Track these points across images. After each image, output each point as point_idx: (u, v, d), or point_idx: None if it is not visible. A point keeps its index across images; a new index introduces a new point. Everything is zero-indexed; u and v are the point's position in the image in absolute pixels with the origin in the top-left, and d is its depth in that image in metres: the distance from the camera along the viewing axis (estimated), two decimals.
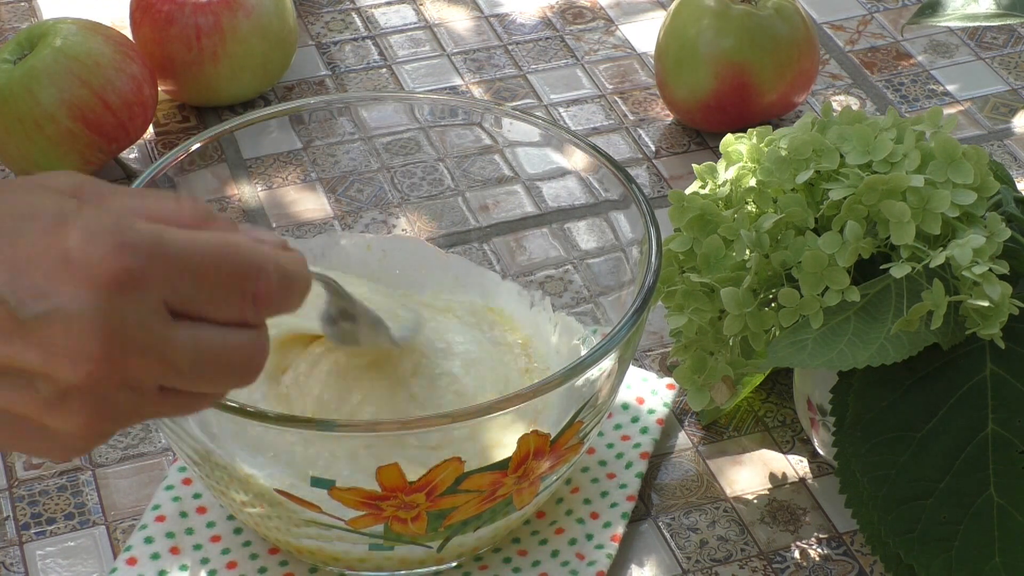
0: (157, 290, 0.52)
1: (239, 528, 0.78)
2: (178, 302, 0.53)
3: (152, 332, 0.52)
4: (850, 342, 0.71)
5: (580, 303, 0.84)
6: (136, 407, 0.53)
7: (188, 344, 0.53)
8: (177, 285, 0.52)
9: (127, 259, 0.51)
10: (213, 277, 0.53)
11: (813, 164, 0.75)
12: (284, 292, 0.55)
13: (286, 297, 0.55)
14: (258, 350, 0.55)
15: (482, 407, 0.69)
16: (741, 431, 0.84)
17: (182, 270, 0.53)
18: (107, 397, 0.52)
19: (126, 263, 0.51)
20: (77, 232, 0.51)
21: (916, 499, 0.72)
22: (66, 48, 0.96)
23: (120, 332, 0.51)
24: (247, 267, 0.54)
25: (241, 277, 0.54)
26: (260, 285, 0.54)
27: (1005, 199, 0.77)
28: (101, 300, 0.51)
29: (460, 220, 0.87)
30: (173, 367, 0.53)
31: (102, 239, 0.51)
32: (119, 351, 0.51)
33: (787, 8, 1.01)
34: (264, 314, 0.55)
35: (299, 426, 0.68)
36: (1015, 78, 1.10)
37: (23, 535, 0.79)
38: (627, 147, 1.04)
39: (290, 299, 0.56)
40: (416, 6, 1.17)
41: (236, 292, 0.54)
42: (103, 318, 0.51)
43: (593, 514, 0.79)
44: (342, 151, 0.88)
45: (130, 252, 0.51)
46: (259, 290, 0.54)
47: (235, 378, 0.55)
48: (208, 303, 0.53)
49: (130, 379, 0.52)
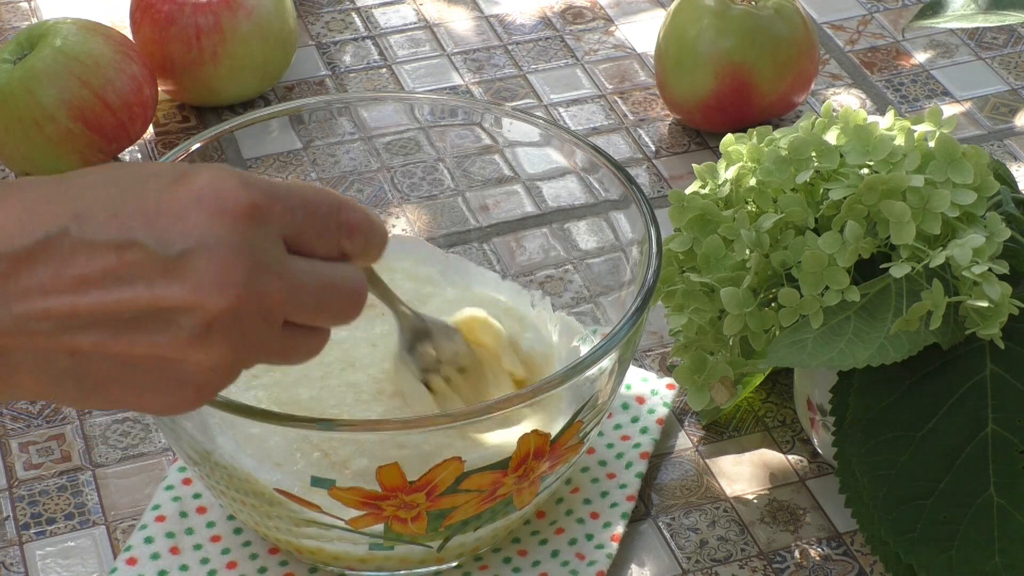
0: (277, 224, 0.56)
1: (239, 528, 0.78)
2: (291, 236, 0.57)
3: (280, 261, 0.56)
4: (850, 342, 0.71)
5: (580, 303, 0.84)
6: (267, 340, 0.57)
7: (308, 273, 0.57)
8: (290, 220, 0.57)
9: (252, 194, 0.56)
10: (315, 211, 0.58)
11: (813, 164, 0.75)
12: (368, 226, 0.60)
13: (371, 231, 0.60)
14: (359, 281, 0.59)
15: (482, 407, 0.69)
16: (741, 431, 0.84)
17: (292, 207, 0.57)
18: (247, 324, 0.55)
19: (253, 197, 0.56)
20: (203, 176, 0.56)
21: (916, 499, 0.72)
22: (66, 48, 0.96)
23: (258, 259, 0.55)
24: (338, 202, 0.59)
25: (336, 209, 0.59)
26: (351, 216, 0.59)
27: (1005, 199, 0.77)
28: (237, 231, 0.55)
29: (460, 220, 0.87)
30: (299, 296, 0.57)
31: (229, 180, 0.56)
32: (259, 276, 0.55)
33: (787, 8, 1.01)
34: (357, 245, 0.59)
35: (299, 426, 0.68)
36: (1015, 78, 1.10)
37: (23, 535, 0.79)
38: (627, 147, 1.04)
39: (374, 235, 0.60)
40: (416, 6, 1.17)
41: (333, 223, 0.59)
42: (243, 246, 0.55)
43: (593, 514, 0.79)
44: (342, 151, 0.88)
45: (255, 189, 0.56)
46: (351, 220, 0.59)
47: (348, 308, 0.59)
48: (314, 236, 0.58)
49: (264, 307, 0.56)
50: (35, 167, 0.97)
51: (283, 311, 0.57)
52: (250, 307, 0.55)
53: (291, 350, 0.59)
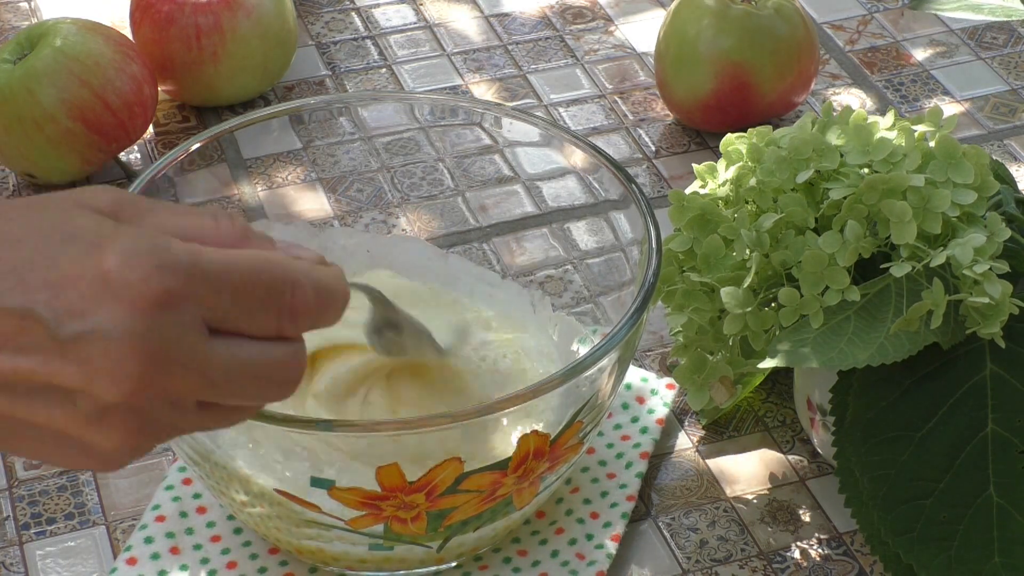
0: (195, 308, 0.53)
1: (239, 528, 0.78)
2: (216, 319, 0.54)
3: (191, 349, 0.53)
4: (850, 342, 0.71)
5: (580, 303, 0.84)
6: (175, 422, 0.54)
7: (226, 359, 0.54)
8: (214, 303, 0.53)
9: (165, 280, 0.52)
10: (249, 293, 0.54)
11: (813, 164, 0.75)
12: (321, 305, 0.56)
13: (323, 310, 0.56)
14: (295, 363, 0.56)
15: (482, 407, 0.69)
16: (741, 431, 0.84)
17: (219, 288, 0.53)
18: (147, 413, 0.53)
19: (164, 283, 0.52)
20: (115, 254, 0.52)
21: (916, 499, 0.72)
22: (66, 48, 0.96)
23: (159, 351, 0.52)
24: (283, 281, 0.55)
25: (277, 291, 0.55)
26: (297, 298, 0.55)
27: (1005, 199, 0.77)
28: (140, 320, 0.52)
29: (460, 220, 0.87)
30: (212, 382, 0.54)
31: (140, 261, 0.52)
32: (158, 369, 0.52)
33: (787, 8, 1.01)
34: (301, 327, 0.56)
35: (299, 426, 0.68)
36: (1015, 78, 1.10)
37: (23, 535, 0.79)
38: (627, 147, 1.04)
39: (327, 312, 0.57)
40: (416, 6, 1.17)
41: (273, 306, 0.55)
42: (142, 338, 0.52)
43: (593, 514, 0.79)
44: (342, 151, 0.88)
45: (168, 273, 0.52)
46: (295, 303, 0.55)
47: (272, 391, 0.56)
48: (245, 318, 0.54)
49: (170, 395, 0.53)
50: (35, 167, 0.97)
51: (193, 397, 0.54)
52: (148, 397, 0.53)
53: (211, 425, 0.57)
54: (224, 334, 0.54)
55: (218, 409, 0.56)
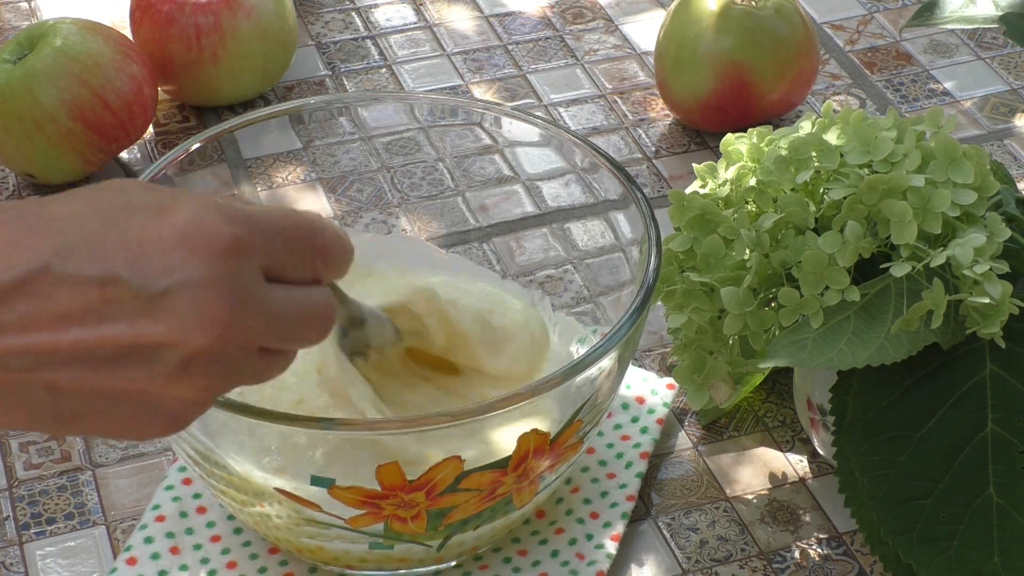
0: (258, 255, 0.57)
1: (239, 528, 0.78)
2: (271, 266, 0.57)
3: (260, 293, 0.57)
4: (850, 341, 0.71)
5: (580, 303, 0.84)
6: (243, 368, 0.57)
7: (283, 302, 0.58)
8: (270, 249, 0.57)
9: (235, 228, 0.56)
10: (292, 238, 0.58)
11: (813, 164, 0.75)
12: (340, 248, 0.61)
13: (342, 253, 0.61)
14: (330, 303, 0.60)
15: (482, 406, 0.69)
16: (741, 431, 0.84)
17: (273, 236, 0.57)
18: (227, 359, 0.56)
19: (235, 231, 0.56)
20: (184, 212, 0.55)
21: (916, 499, 0.72)
22: (66, 48, 0.96)
23: (239, 294, 0.55)
24: (312, 226, 0.60)
25: (310, 234, 0.59)
26: (326, 239, 0.60)
27: (1005, 199, 0.77)
28: (220, 267, 0.55)
29: (460, 220, 0.87)
30: (276, 324, 0.57)
31: (210, 214, 0.56)
32: (241, 312, 0.55)
33: (787, 8, 1.01)
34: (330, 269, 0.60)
35: (299, 425, 0.68)
36: (1015, 78, 1.10)
37: (23, 535, 0.79)
38: (627, 147, 1.04)
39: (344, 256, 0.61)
40: (416, 6, 1.17)
41: (309, 249, 0.59)
42: (225, 282, 0.55)
43: (593, 514, 0.79)
44: (342, 151, 0.88)
45: (236, 223, 0.56)
46: (325, 244, 0.60)
47: (315, 331, 0.59)
48: (291, 265, 0.58)
49: (245, 339, 0.56)
50: (35, 167, 0.97)
51: (259, 339, 0.57)
52: (231, 342, 0.55)
53: (263, 373, 0.59)
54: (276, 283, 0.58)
55: (271, 355, 0.58)
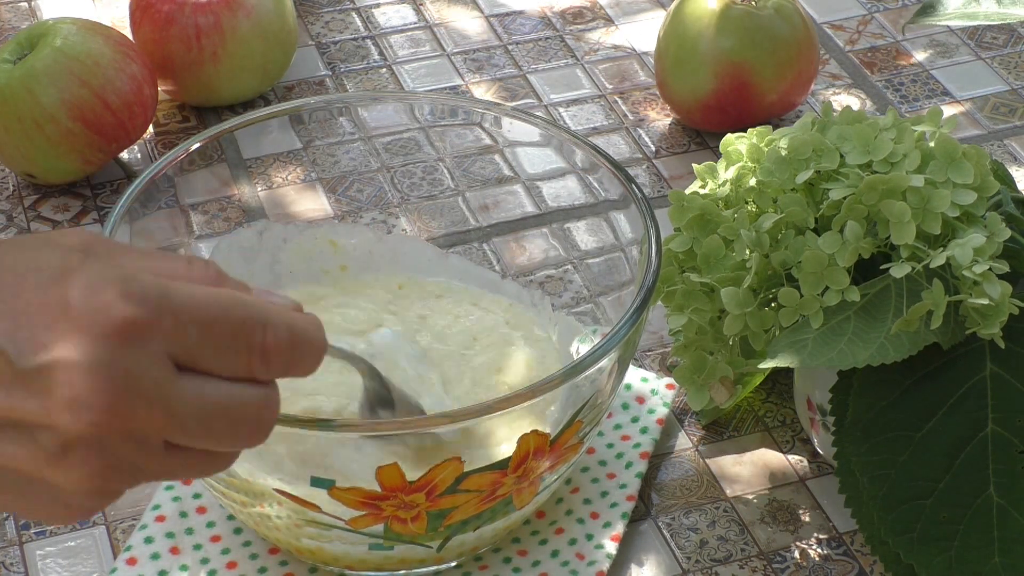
0: (162, 342, 0.51)
1: (239, 528, 0.78)
2: (184, 355, 0.52)
3: (156, 384, 0.51)
4: (850, 342, 0.71)
5: (580, 303, 0.84)
6: (141, 464, 0.52)
7: (193, 397, 0.52)
8: (182, 337, 0.52)
9: (131, 308, 0.51)
10: (219, 329, 0.52)
11: (813, 164, 0.75)
12: (295, 349, 0.54)
13: (298, 355, 0.54)
14: (267, 407, 0.54)
15: (482, 407, 0.69)
16: (741, 431, 0.84)
17: (188, 321, 0.52)
18: (110, 451, 0.51)
19: (130, 312, 0.51)
20: (80, 282, 0.51)
21: (916, 499, 0.72)
22: (66, 48, 0.96)
23: (123, 383, 0.50)
24: (254, 320, 0.53)
25: (248, 330, 0.53)
26: (268, 339, 0.53)
27: (1005, 199, 0.77)
28: (103, 350, 0.50)
29: (460, 220, 0.87)
30: (179, 421, 0.52)
31: (105, 289, 0.51)
32: (122, 401, 0.50)
33: (787, 8, 1.01)
34: (274, 371, 0.54)
35: (299, 426, 0.68)
36: (1015, 78, 1.10)
37: (23, 535, 0.79)
38: (627, 147, 1.04)
39: (302, 358, 0.54)
40: (416, 6, 1.17)
41: (243, 346, 0.53)
42: (105, 368, 0.50)
43: (593, 514, 0.79)
44: (342, 151, 0.88)
45: (133, 302, 0.51)
46: (267, 344, 0.53)
47: (244, 435, 0.53)
48: (215, 357, 0.52)
49: (135, 433, 0.51)
50: (35, 167, 0.97)
51: (160, 436, 0.52)
52: (114, 432, 0.51)
53: (180, 471, 0.54)
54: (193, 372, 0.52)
55: (188, 453, 0.53)
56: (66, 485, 0.52)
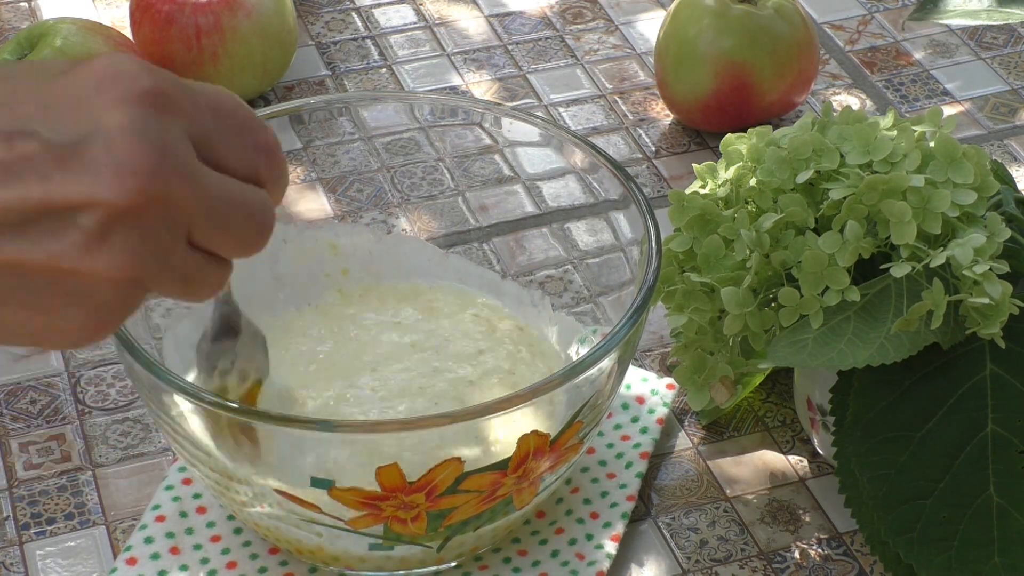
0: (185, 120, 0.52)
1: (239, 528, 0.78)
2: (202, 141, 0.53)
3: (187, 162, 0.51)
4: (850, 342, 0.71)
5: (580, 303, 0.84)
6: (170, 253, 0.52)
7: (217, 184, 0.53)
8: (201, 120, 0.52)
9: (158, 80, 0.51)
10: (231, 121, 0.54)
11: (813, 164, 0.75)
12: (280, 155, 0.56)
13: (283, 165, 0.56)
14: (269, 208, 0.55)
15: (482, 407, 0.69)
16: (741, 431, 0.84)
17: (204, 106, 0.53)
18: (151, 228, 0.50)
19: (157, 83, 0.51)
20: (102, 60, 0.51)
21: (916, 499, 0.72)
22: (66, 48, 0.96)
23: (162, 148, 0.50)
24: (254, 119, 0.55)
25: (251, 126, 0.55)
26: (269, 138, 0.55)
27: (1005, 199, 0.77)
28: (141, 116, 0.50)
29: (460, 220, 0.87)
30: (208, 202, 0.52)
31: (130, 62, 0.51)
32: (165, 169, 0.50)
33: (787, 8, 1.01)
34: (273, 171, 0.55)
35: (299, 426, 0.68)
36: (1015, 78, 1.10)
37: (23, 535, 0.79)
38: (627, 147, 1.04)
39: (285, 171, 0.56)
40: (416, 6, 1.17)
41: (250, 139, 0.54)
42: (147, 133, 0.50)
43: (593, 514, 0.79)
44: (342, 151, 0.88)
45: (160, 76, 0.51)
46: (270, 142, 0.55)
47: (253, 232, 0.54)
48: (227, 146, 0.54)
49: (170, 210, 0.51)
50: None
51: (188, 219, 0.52)
52: (153, 206, 0.50)
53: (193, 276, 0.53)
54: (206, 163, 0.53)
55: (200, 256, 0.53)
56: (103, 271, 0.50)
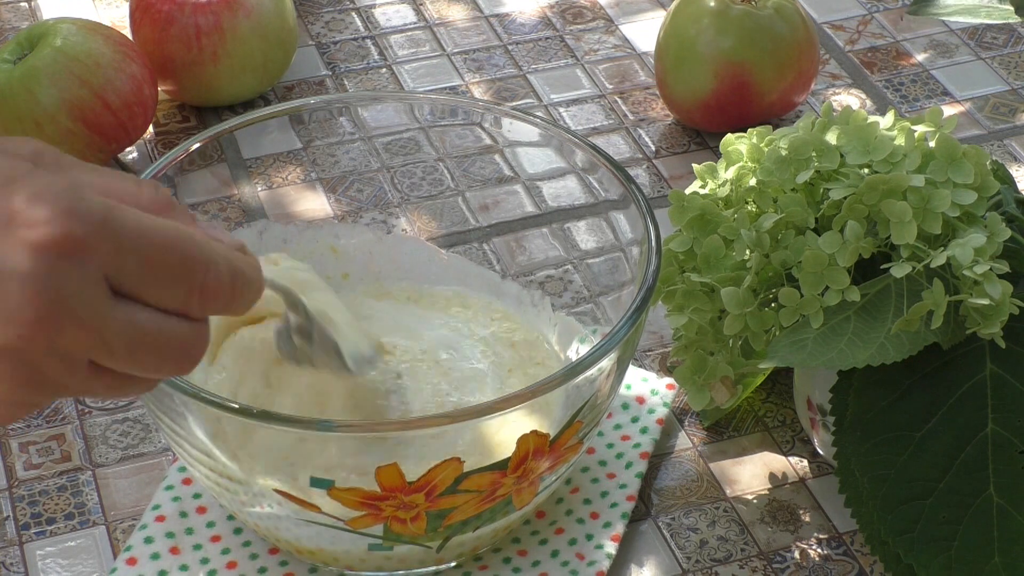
0: (100, 263, 0.51)
1: (239, 528, 0.78)
2: (120, 280, 0.52)
3: (89, 304, 0.51)
4: (850, 342, 0.71)
5: (580, 303, 0.84)
6: (64, 379, 0.52)
7: (124, 323, 0.52)
8: (122, 263, 0.51)
9: (72, 225, 0.50)
10: (161, 263, 0.52)
11: (813, 164, 0.75)
12: (233, 292, 0.54)
13: (236, 297, 0.55)
14: (197, 342, 0.54)
15: (482, 407, 0.69)
16: (741, 431, 0.84)
17: (129, 248, 0.51)
18: (34, 363, 0.51)
19: (70, 228, 0.50)
20: (24, 192, 0.50)
21: (916, 499, 0.72)
22: (66, 48, 0.96)
23: (55, 299, 0.50)
24: (197, 259, 0.53)
25: (191, 268, 0.53)
26: (210, 279, 0.53)
27: (1005, 199, 0.77)
28: (39, 263, 0.50)
29: (460, 220, 0.87)
30: (106, 343, 0.52)
31: (49, 202, 0.50)
32: (51, 317, 0.50)
33: (787, 8, 1.01)
34: (209, 310, 0.54)
35: (299, 426, 0.68)
36: (1015, 78, 1.10)
37: (23, 535, 0.79)
38: (627, 147, 1.04)
39: (239, 301, 0.55)
40: (416, 6, 1.17)
41: (184, 282, 0.53)
42: (40, 281, 0.50)
43: (593, 514, 0.79)
44: (342, 151, 0.88)
45: (76, 219, 0.50)
46: (208, 284, 0.53)
47: (169, 366, 0.53)
48: (152, 288, 0.52)
49: (60, 348, 0.51)
50: None
51: (84, 354, 0.52)
52: (38, 347, 0.50)
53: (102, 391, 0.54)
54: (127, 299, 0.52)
55: (111, 376, 0.53)
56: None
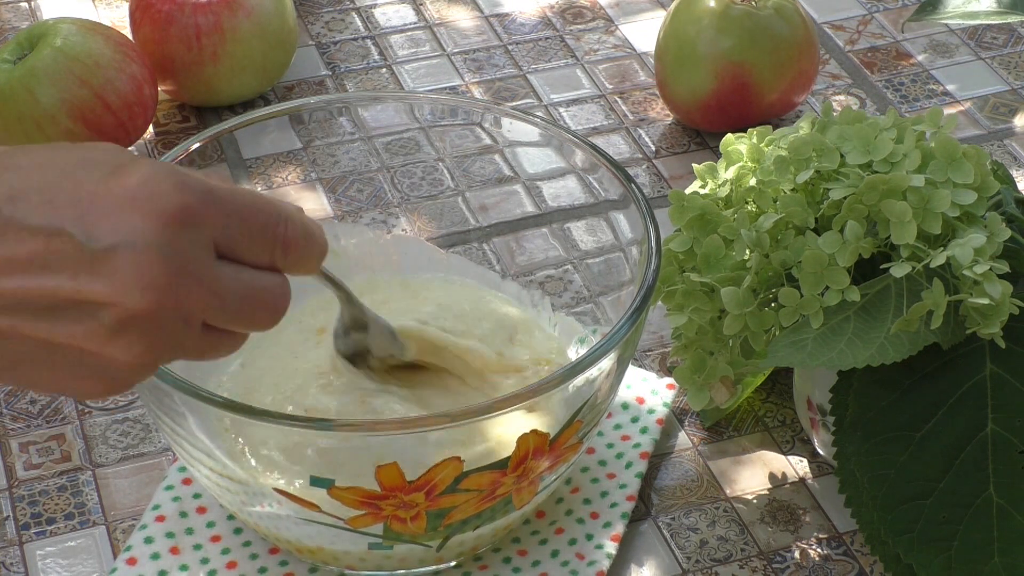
0: (208, 229, 0.57)
1: (239, 528, 0.78)
2: (224, 243, 0.58)
3: (205, 267, 0.57)
4: (850, 342, 0.71)
5: (580, 303, 0.84)
6: (183, 340, 0.58)
7: (233, 280, 0.58)
8: (224, 225, 0.57)
9: (187, 197, 0.56)
10: (252, 220, 0.59)
11: (813, 164, 0.75)
12: (307, 244, 0.60)
13: (309, 249, 0.61)
14: (284, 292, 0.60)
15: (482, 407, 0.69)
16: (741, 431, 0.84)
17: (229, 212, 0.58)
18: (164, 326, 0.56)
19: (186, 200, 0.56)
20: (140, 173, 0.56)
21: (916, 499, 0.72)
22: (66, 48, 0.96)
23: (181, 264, 0.56)
24: (277, 215, 0.60)
25: (273, 223, 0.59)
26: (289, 231, 0.60)
27: (1005, 199, 0.77)
28: (164, 233, 0.55)
29: (460, 220, 0.87)
30: (220, 301, 0.57)
31: (164, 179, 0.56)
32: (180, 281, 0.56)
33: (787, 8, 1.01)
34: (290, 261, 0.60)
35: (299, 426, 0.68)
36: (1015, 78, 1.10)
37: (23, 535, 0.79)
38: (627, 147, 1.04)
39: (312, 252, 0.61)
40: (416, 6, 1.17)
41: (269, 235, 0.59)
42: (169, 249, 0.55)
43: (593, 514, 0.79)
44: (342, 151, 0.88)
45: (189, 191, 0.56)
46: (288, 235, 0.60)
47: (265, 316, 0.60)
48: (246, 244, 0.58)
49: (184, 311, 0.57)
50: None
51: (202, 316, 0.58)
52: (169, 310, 0.56)
53: (207, 350, 0.60)
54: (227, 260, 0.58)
55: (216, 334, 0.59)
56: (120, 358, 0.56)
